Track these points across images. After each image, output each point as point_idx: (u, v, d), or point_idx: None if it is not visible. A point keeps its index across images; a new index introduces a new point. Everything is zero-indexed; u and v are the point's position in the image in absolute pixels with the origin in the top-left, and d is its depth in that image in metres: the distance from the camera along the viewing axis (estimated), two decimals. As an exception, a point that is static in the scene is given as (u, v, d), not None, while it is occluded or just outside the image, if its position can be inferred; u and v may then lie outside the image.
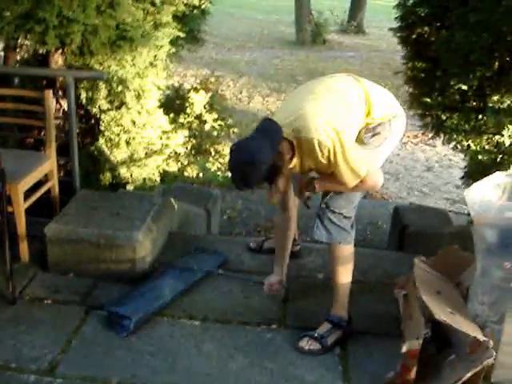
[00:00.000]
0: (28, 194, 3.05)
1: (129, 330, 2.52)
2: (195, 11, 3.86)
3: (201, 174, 4.90)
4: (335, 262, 2.51)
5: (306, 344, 2.49)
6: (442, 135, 3.79)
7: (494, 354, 2.14)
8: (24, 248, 2.99)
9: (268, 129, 2.23)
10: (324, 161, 2.23)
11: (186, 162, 4.78)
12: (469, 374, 2.11)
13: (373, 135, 2.38)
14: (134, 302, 2.66)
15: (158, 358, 2.40)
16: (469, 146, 3.47)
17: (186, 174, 4.87)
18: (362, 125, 2.36)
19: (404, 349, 2.21)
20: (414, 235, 3.73)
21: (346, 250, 2.49)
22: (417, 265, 2.57)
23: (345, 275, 2.51)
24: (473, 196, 2.25)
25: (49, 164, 3.19)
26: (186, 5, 3.58)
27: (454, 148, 3.54)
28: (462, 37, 3.14)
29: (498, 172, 2.37)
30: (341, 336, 2.53)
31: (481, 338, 2.18)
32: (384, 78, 9.40)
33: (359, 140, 2.37)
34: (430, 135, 3.90)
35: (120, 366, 2.34)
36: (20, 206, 2.90)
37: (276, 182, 2.28)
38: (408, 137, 8.54)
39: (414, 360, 2.24)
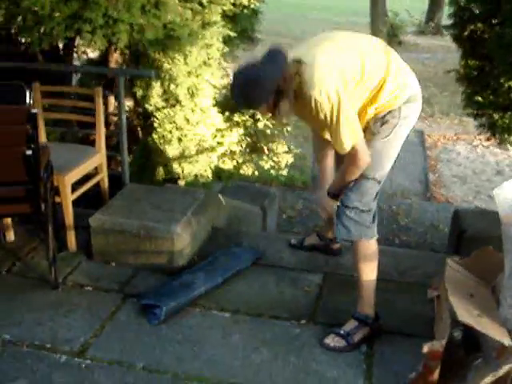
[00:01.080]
0: (78, 186, 3.20)
1: (160, 318, 2.59)
2: (245, 11, 3.91)
3: (256, 172, 4.95)
4: (358, 259, 2.48)
5: (331, 341, 2.48)
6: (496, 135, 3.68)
7: (519, 359, 2.06)
8: (71, 237, 3.14)
9: (274, 54, 2.18)
10: (316, 115, 2.20)
11: (241, 160, 4.85)
12: (488, 378, 2.04)
13: (382, 124, 2.33)
14: (167, 291, 2.73)
15: (185, 346, 2.46)
16: (521, 146, 3.34)
17: (241, 171, 4.94)
18: (370, 96, 2.30)
19: (425, 349, 2.16)
20: (472, 239, 3.61)
21: (368, 245, 2.46)
22: (449, 265, 2.51)
23: (369, 272, 2.48)
24: (503, 195, 2.18)
25: (98, 158, 3.33)
26: (234, 4, 3.64)
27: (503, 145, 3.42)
28: (510, 32, 3.03)
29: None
30: (368, 334, 2.50)
31: (506, 342, 2.11)
32: (457, 79, 9.14)
33: (369, 132, 2.34)
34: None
35: (147, 352, 2.42)
36: (67, 197, 3.05)
37: (280, 107, 2.20)
38: (479, 140, 8.28)
39: (436, 361, 2.19)
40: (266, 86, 2.12)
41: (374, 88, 2.29)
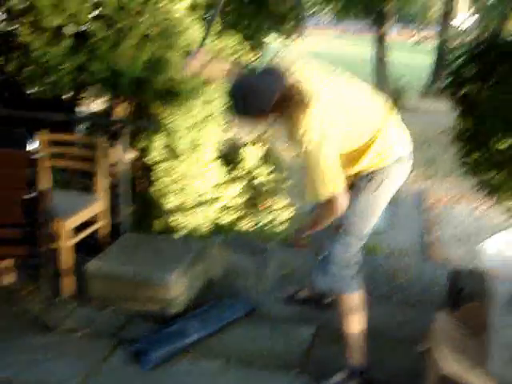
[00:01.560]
0: (79, 231, 3.26)
1: (151, 363, 2.60)
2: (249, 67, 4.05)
3: (255, 227, 5.00)
4: (343, 312, 2.50)
5: (320, 392, 2.48)
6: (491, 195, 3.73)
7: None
8: (68, 283, 3.17)
9: (274, 72, 2.18)
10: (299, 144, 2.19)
11: (240, 215, 4.90)
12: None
13: (368, 180, 2.38)
14: (160, 338, 2.75)
15: (175, 392, 2.46)
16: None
17: (240, 226, 4.98)
18: (357, 151, 2.33)
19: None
20: (469, 297, 3.63)
21: (351, 298, 2.47)
22: (438, 318, 2.53)
23: (355, 324, 2.49)
24: (488, 250, 2.22)
25: (98, 206, 3.40)
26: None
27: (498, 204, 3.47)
28: (502, 93, 3.13)
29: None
30: (359, 384, 2.50)
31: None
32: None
33: (355, 187, 2.38)
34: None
35: (135, 397, 2.42)
36: (66, 243, 3.10)
37: (273, 121, 2.21)
38: (480, 201, 8.34)
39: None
40: (264, 98, 2.10)
41: (362, 144, 2.35)
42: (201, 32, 3.62)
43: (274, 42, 5.46)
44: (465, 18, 17.65)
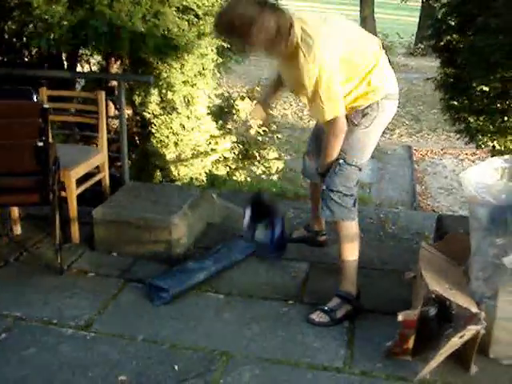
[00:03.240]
0: (81, 183, 3.44)
1: (166, 300, 2.81)
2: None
3: (248, 178, 5.19)
4: (340, 239, 2.72)
5: (316, 316, 2.70)
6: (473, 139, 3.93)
7: (484, 324, 2.28)
8: (75, 230, 3.36)
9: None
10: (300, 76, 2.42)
11: (233, 167, 5.09)
12: (455, 339, 2.26)
13: (362, 116, 2.58)
14: (173, 277, 2.94)
15: (181, 321, 2.68)
16: (494, 146, 3.60)
17: (234, 177, 5.18)
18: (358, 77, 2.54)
19: (400, 318, 2.39)
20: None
21: (350, 226, 2.70)
22: (423, 248, 2.74)
23: (350, 251, 2.72)
24: (469, 178, 2.42)
25: (100, 157, 3.57)
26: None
27: (478, 147, 3.68)
28: (482, 40, 3.31)
29: (495, 157, 2.52)
30: (350, 310, 2.72)
31: (473, 309, 2.33)
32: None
33: (350, 122, 2.58)
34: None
35: (146, 326, 2.63)
36: (72, 191, 3.27)
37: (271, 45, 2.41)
38: (466, 154, 8.57)
39: (410, 330, 2.41)
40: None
41: (361, 75, 2.55)
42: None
43: None
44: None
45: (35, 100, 3.06)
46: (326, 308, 2.71)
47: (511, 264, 2.29)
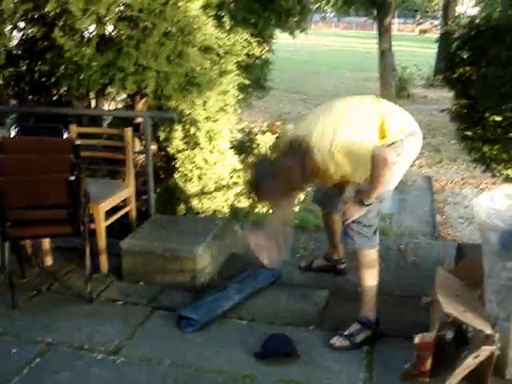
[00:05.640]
0: (109, 216, 3.59)
1: (195, 329, 2.92)
2: (258, 61, 4.37)
3: (270, 210, 5.30)
4: (360, 267, 2.82)
5: (336, 341, 2.79)
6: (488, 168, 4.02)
7: (498, 345, 2.36)
8: (104, 260, 3.50)
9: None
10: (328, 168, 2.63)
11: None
12: (469, 360, 2.33)
13: None
14: (201, 308, 3.04)
15: (206, 347, 2.79)
16: (508, 175, 3.69)
17: (256, 210, 5.29)
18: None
19: (416, 340, 2.47)
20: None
21: (369, 254, 2.80)
22: (438, 272, 2.83)
23: (370, 278, 2.81)
24: (480, 204, 2.52)
25: (127, 191, 3.73)
26: (248, 55, 4.10)
27: (493, 176, 3.77)
28: (492, 72, 3.43)
29: (506, 184, 2.62)
30: (369, 336, 2.81)
31: (488, 331, 2.41)
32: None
33: None
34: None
35: (173, 351, 2.75)
36: (101, 224, 3.43)
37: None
38: (486, 183, 8.60)
39: (427, 352, 2.49)
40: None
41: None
42: (214, 28, 3.94)
43: (280, 37, 5.76)
44: (467, 8, 17.85)
45: (65, 136, 3.25)
46: (347, 333, 2.80)
47: (523, 286, 2.37)
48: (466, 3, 21.61)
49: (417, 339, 2.47)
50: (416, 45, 24.86)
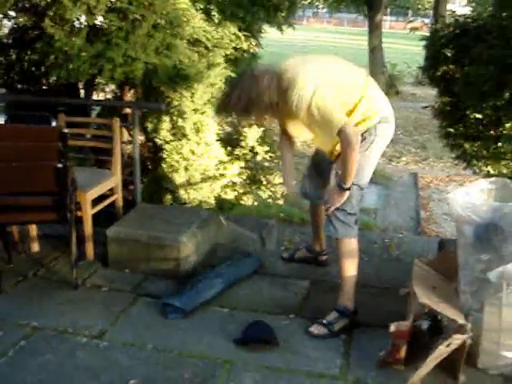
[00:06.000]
0: (96, 204, 3.64)
1: (179, 317, 2.99)
2: (246, 55, 4.43)
3: (255, 202, 5.38)
4: (341, 256, 2.89)
5: (315, 329, 2.87)
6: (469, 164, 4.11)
7: (470, 334, 2.44)
8: (89, 248, 3.56)
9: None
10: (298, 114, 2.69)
11: (241, 191, 5.29)
12: (442, 347, 2.42)
13: (361, 140, 2.75)
14: (185, 296, 3.08)
15: (188, 333, 2.86)
16: (488, 171, 3.77)
17: (242, 202, 5.37)
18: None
19: (391, 328, 2.55)
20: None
21: (350, 243, 2.87)
22: (416, 265, 2.91)
23: (350, 268, 2.89)
24: (456, 198, 2.60)
25: (114, 180, 3.78)
26: (235, 49, 4.16)
27: (474, 173, 3.85)
28: (474, 71, 3.51)
29: (482, 179, 2.70)
30: (347, 324, 2.89)
31: (460, 321, 2.49)
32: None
33: None
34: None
35: (155, 336, 2.82)
36: (87, 212, 3.48)
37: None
38: (471, 181, 8.71)
39: (402, 340, 2.58)
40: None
41: (349, 105, 2.74)
42: (203, 22, 4.00)
43: (270, 32, 5.82)
44: (458, 6, 17.98)
45: (54, 125, 3.30)
46: (325, 321, 2.88)
47: (496, 278, 2.46)
48: (458, 2, 21.77)
49: (392, 327, 2.55)
50: (407, 42, 24.96)
